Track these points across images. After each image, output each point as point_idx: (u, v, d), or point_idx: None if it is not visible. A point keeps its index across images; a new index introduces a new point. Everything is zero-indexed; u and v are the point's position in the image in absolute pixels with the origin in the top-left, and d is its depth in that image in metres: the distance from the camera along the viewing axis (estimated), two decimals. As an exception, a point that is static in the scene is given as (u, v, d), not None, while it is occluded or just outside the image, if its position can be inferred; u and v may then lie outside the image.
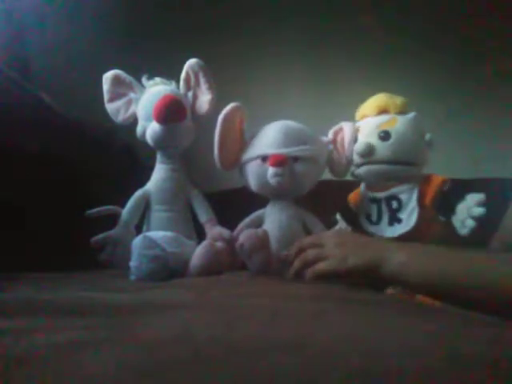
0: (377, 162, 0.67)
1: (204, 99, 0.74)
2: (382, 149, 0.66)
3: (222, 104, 0.71)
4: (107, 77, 0.75)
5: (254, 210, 0.73)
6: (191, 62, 0.73)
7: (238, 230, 0.69)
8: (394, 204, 0.68)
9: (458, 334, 0.24)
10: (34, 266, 0.63)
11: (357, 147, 0.68)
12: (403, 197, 0.67)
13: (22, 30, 1.13)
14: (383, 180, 0.69)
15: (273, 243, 0.62)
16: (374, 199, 0.71)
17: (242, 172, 0.72)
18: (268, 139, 0.66)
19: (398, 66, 1.42)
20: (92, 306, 0.32)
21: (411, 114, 0.69)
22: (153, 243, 0.56)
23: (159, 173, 0.74)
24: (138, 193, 0.72)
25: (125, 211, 0.71)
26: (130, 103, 0.76)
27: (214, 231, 0.70)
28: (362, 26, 1.42)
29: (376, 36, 1.41)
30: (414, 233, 0.65)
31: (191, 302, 0.37)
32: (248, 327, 0.24)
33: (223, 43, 1.38)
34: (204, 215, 0.74)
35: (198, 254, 0.60)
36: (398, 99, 0.70)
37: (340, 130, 0.73)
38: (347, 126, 0.71)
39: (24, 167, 0.79)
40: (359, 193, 0.76)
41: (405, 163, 0.66)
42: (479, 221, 0.57)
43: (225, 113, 0.66)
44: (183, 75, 0.75)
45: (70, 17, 1.26)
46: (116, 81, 0.75)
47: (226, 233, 0.68)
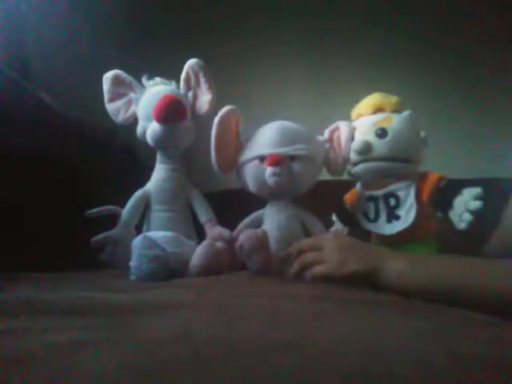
0: (374, 159, 0.67)
1: (204, 99, 0.74)
2: (379, 146, 0.66)
3: (222, 104, 0.71)
4: (107, 77, 0.75)
5: (253, 210, 0.72)
6: (191, 62, 0.73)
7: (237, 230, 0.70)
8: (392, 201, 0.68)
9: (458, 334, 0.24)
10: (34, 266, 0.63)
11: (354, 145, 0.68)
12: (401, 194, 0.67)
13: (21, 30, 1.13)
14: (380, 177, 0.69)
15: (272, 243, 0.62)
16: (371, 197, 0.71)
17: (239, 174, 0.72)
18: (265, 140, 0.67)
19: (397, 66, 1.42)
20: (92, 306, 0.32)
21: (406, 112, 0.69)
22: (153, 243, 0.56)
23: (159, 173, 0.74)
24: (138, 193, 0.72)
25: (125, 211, 0.71)
26: (130, 103, 0.76)
27: (214, 231, 0.70)
28: (361, 26, 1.42)
29: (376, 36, 1.41)
30: (412, 229, 0.65)
31: (191, 302, 0.37)
32: (248, 327, 0.24)
33: (223, 43, 1.38)
34: (204, 215, 0.74)
35: (198, 254, 0.60)
36: (394, 98, 0.70)
37: (336, 128, 0.73)
38: (343, 125, 0.71)
39: (24, 167, 0.79)
40: (355, 192, 0.76)
41: (402, 160, 0.67)
42: (476, 215, 0.56)
43: (220, 116, 0.66)
44: (183, 75, 0.75)
45: (70, 17, 1.26)
46: (116, 81, 0.75)
47: (225, 233, 0.68)
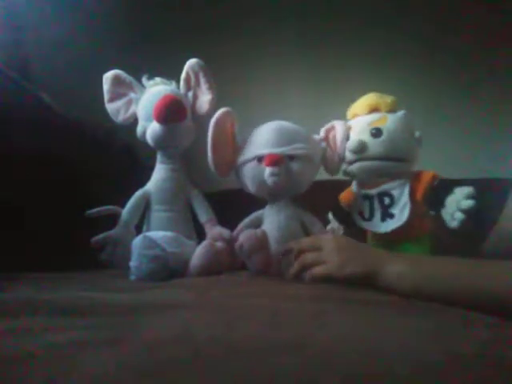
0: (369, 158, 0.67)
1: (204, 99, 0.74)
2: (374, 145, 0.67)
3: (222, 104, 0.71)
4: (107, 77, 0.75)
5: (253, 210, 0.73)
6: (191, 62, 0.73)
7: (237, 230, 0.70)
8: (387, 200, 0.68)
9: (458, 334, 0.24)
10: (34, 266, 0.63)
11: (349, 144, 0.68)
12: (395, 192, 0.68)
13: (21, 30, 1.13)
14: (375, 176, 0.69)
15: (272, 243, 0.62)
16: (366, 196, 0.72)
17: (238, 175, 0.72)
18: (262, 140, 0.67)
19: (397, 66, 1.42)
20: (92, 306, 0.32)
21: (401, 112, 0.70)
22: (153, 243, 0.56)
23: (159, 173, 0.74)
24: (138, 193, 0.72)
25: (125, 211, 0.71)
26: (130, 103, 0.76)
27: (214, 231, 0.70)
28: (361, 26, 1.42)
29: (376, 36, 1.41)
30: (406, 228, 0.66)
31: (191, 302, 0.37)
32: (248, 327, 0.24)
33: (223, 43, 1.38)
34: (204, 215, 0.74)
35: (198, 254, 0.60)
36: (389, 98, 0.71)
37: (332, 128, 0.74)
38: (339, 125, 0.72)
39: (24, 167, 0.79)
40: (350, 191, 0.77)
41: (396, 159, 0.67)
42: (468, 213, 0.57)
43: (216, 118, 0.66)
44: (183, 75, 0.75)
45: (70, 17, 1.26)
46: (116, 81, 0.75)
47: (225, 233, 0.68)
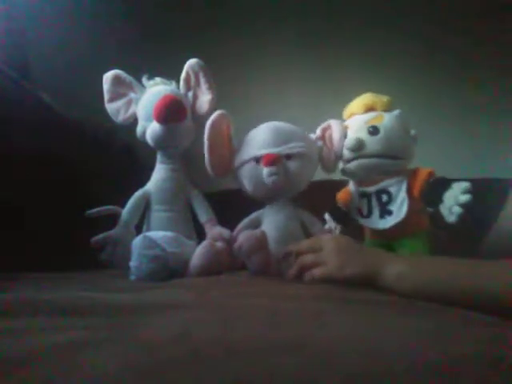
0: (367, 156, 0.68)
1: (204, 99, 0.74)
2: (372, 143, 0.68)
3: (222, 104, 0.71)
4: (107, 77, 0.75)
5: (253, 210, 0.73)
6: (191, 62, 0.73)
7: (236, 230, 0.69)
8: (384, 197, 0.69)
9: (457, 334, 0.24)
10: (34, 266, 0.63)
11: (347, 142, 0.69)
12: (392, 189, 0.68)
13: (21, 30, 1.13)
14: (373, 174, 0.70)
15: (271, 244, 0.61)
16: (363, 194, 0.72)
17: (236, 177, 0.72)
18: (259, 141, 0.67)
19: (397, 66, 1.42)
20: (92, 306, 0.32)
21: (397, 111, 0.71)
22: (153, 243, 0.56)
23: (159, 173, 0.74)
24: (138, 193, 0.72)
25: (125, 211, 0.71)
26: (130, 103, 0.76)
27: (214, 231, 0.70)
28: (361, 26, 1.42)
29: (376, 36, 1.41)
30: (404, 224, 0.67)
31: (191, 302, 0.37)
32: (248, 327, 0.24)
33: (223, 43, 1.38)
34: (204, 215, 0.74)
35: (198, 254, 0.60)
36: (384, 97, 0.72)
37: (328, 127, 0.74)
38: (335, 123, 0.73)
39: (24, 167, 0.79)
40: (348, 191, 0.78)
41: (393, 157, 0.68)
42: (466, 208, 0.58)
43: (211, 120, 0.67)
44: (183, 75, 0.75)
45: (70, 17, 1.26)
46: (116, 81, 0.75)
47: (225, 233, 0.68)
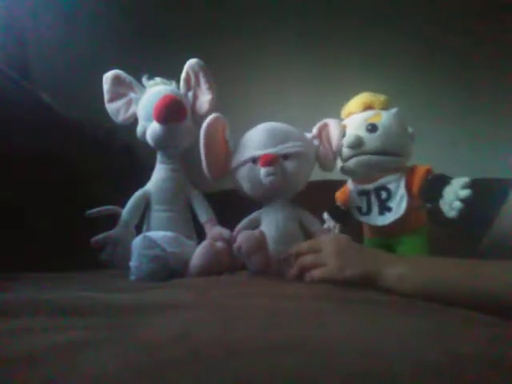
0: (366, 153, 0.69)
1: (204, 99, 0.74)
2: (371, 140, 0.68)
3: (221, 104, 0.71)
4: (107, 77, 0.75)
5: (253, 210, 0.72)
6: (191, 62, 0.73)
7: (236, 231, 0.69)
8: (383, 194, 0.70)
9: (458, 334, 0.24)
10: (34, 266, 0.63)
11: (346, 140, 0.70)
12: (391, 186, 0.69)
13: (21, 30, 1.13)
14: (372, 171, 0.71)
15: (270, 244, 0.61)
16: (362, 191, 0.73)
17: (233, 179, 0.72)
18: (255, 142, 0.67)
19: (397, 66, 1.42)
20: (92, 306, 0.31)
21: (394, 109, 0.72)
22: (153, 243, 0.56)
23: (159, 173, 0.74)
24: (138, 193, 0.72)
25: (125, 211, 0.71)
26: (130, 103, 0.76)
27: (214, 231, 0.70)
28: (361, 26, 1.42)
29: (376, 36, 1.41)
30: (403, 220, 0.67)
31: (191, 302, 0.37)
32: (248, 327, 0.24)
33: (223, 43, 1.39)
34: (204, 215, 0.74)
35: (198, 254, 0.60)
36: (382, 96, 0.73)
37: (324, 125, 0.75)
38: (332, 122, 0.74)
39: (24, 167, 0.79)
40: (346, 189, 0.79)
41: (392, 154, 0.69)
42: (466, 203, 0.59)
43: (206, 124, 0.67)
44: (183, 75, 0.75)
45: (70, 17, 1.26)
46: (116, 81, 0.75)
47: (225, 233, 0.68)
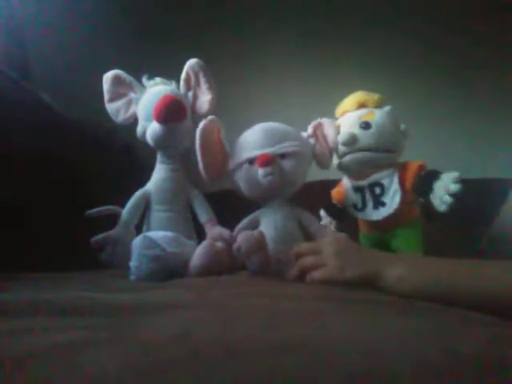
0: (360, 149, 0.71)
1: (204, 99, 0.74)
2: (364, 137, 0.71)
3: (222, 104, 0.71)
4: (107, 77, 0.75)
5: (253, 210, 0.73)
6: (191, 62, 0.73)
7: (236, 231, 0.69)
8: (377, 190, 0.72)
9: (458, 334, 0.24)
10: (34, 266, 0.63)
11: (340, 137, 0.72)
12: (385, 182, 0.72)
13: (21, 30, 1.13)
14: (366, 167, 0.73)
15: (269, 244, 0.61)
16: (357, 188, 0.76)
17: (231, 180, 0.72)
18: (251, 142, 0.67)
19: (397, 66, 1.42)
20: (92, 306, 0.31)
21: (387, 108, 0.74)
22: (153, 243, 0.56)
23: (159, 173, 0.74)
24: (138, 193, 0.72)
25: (125, 211, 0.71)
26: (130, 103, 0.76)
27: (214, 231, 0.70)
28: (361, 26, 1.42)
29: (376, 36, 1.41)
30: (397, 214, 0.70)
31: (191, 302, 0.37)
32: (248, 327, 0.24)
33: (223, 43, 1.39)
34: (204, 215, 0.74)
35: (198, 254, 0.60)
36: (375, 95, 0.76)
37: (319, 124, 0.75)
38: (326, 121, 0.75)
39: (24, 167, 0.79)
40: (342, 186, 0.81)
41: (385, 150, 0.71)
42: (456, 197, 0.61)
43: (201, 127, 0.67)
44: (183, 75, 0.75)
45: (70, 17, 1.26)
46: (116, 81, 0.75)
47: (225, 233, 0.68)
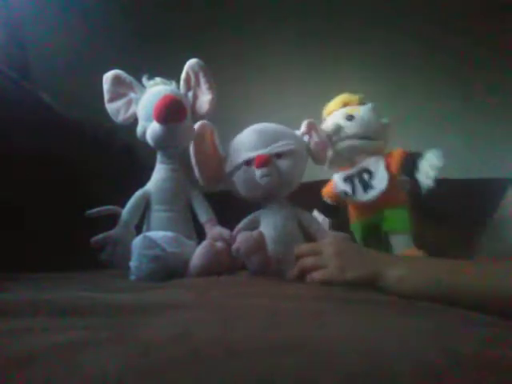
0: (347, 137, 0.82)
1: (204, 99, 0.74)
2: (350, 126, 0.82)
3: (222, 104, 0.71)
4: (107, 77, 0.75)
5: (253, 210, 0.73)
6: (191, 62, 0.73)
7: (236, 231, 0.69)
8: (366, 176, 0.80)
9: (457, 334, 0.24)
10: (34, 266, 0.63)
11: (328, 129, 0.83)
12: (372, 167, 0.80)
13: (21, 30, 1.13)
14: (354, 153, 0.83)
15: (269, 244, 0.61)
16: (347, 177, 0.83)
17: (229, 183, 0.72)
18: (246, 144, 0.68)
19: (397, 66, 1.42)
20: (92, 306, 0.31)
21: (369, 104, 0.86)
22: (153, 243, 0.56)
23: (159, 173, 0.74)
24: (138, 193, 0.72)
25: (125, 211, 0.70)
26: (130, 103, 0.76)
27: (214, 231, 0.70)
28: (361, 26, 1.42)
29: (376, 36, 1.41)
30: (386, 196, 0.77)
31: (191, 302, 0.37)
32: (248, 327, 0.24)
33: (223, 43, 1.39)
34: (204, 215, 0.74)
35: (198, 254, 0.60)
36: (358, 95, 0.88)
37: (312, 123, 0.76)
38: (313, 122, 0.77)
39: (24, 167, 0.79)
40: (331, 184, 0.89)
41: (369, 138, 0.82)
42: (440, 171, 0.69)
43: (195, 131, 0.68)
44: (183, 75, 0.75)
45: (70, 17, 1.26)
46: (116, 81, 0.75)
47: (225, 233, 0.68)
